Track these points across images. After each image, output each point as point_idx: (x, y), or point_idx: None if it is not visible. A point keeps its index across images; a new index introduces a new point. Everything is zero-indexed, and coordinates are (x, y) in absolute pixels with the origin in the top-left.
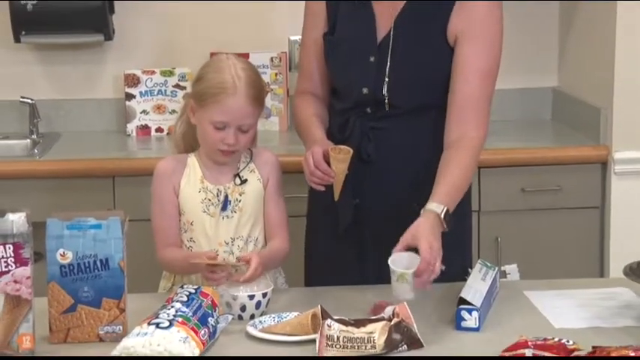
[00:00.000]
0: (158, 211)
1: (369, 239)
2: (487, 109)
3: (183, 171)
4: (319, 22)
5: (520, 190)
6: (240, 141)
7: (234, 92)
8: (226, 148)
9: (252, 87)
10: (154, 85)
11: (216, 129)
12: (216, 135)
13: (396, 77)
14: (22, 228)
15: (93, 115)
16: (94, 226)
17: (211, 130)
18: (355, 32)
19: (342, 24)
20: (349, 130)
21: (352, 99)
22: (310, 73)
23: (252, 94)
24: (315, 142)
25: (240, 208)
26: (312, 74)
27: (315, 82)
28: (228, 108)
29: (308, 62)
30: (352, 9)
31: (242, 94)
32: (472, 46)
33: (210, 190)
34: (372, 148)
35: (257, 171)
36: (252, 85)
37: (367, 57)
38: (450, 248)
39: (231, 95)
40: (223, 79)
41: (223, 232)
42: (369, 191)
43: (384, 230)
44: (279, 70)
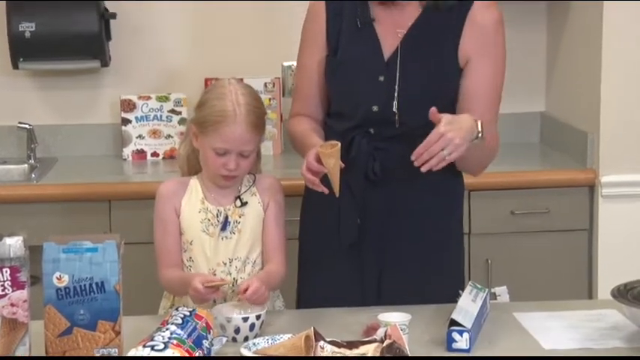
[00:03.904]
0: (160, 231)
1: (370, 258)
2: (496, 126)
3: (185, 191)
4: (319, 45)
5: (510, 213)
6: (242, 166)
7: (234, 120)
8: (227, 173)
9: (252, 114)
10: (150, 110)
11: (217, 155)
12: (217, 160)
13: (405, 95)
14: (19, 252)
15: (89, 139)
16: (90, 250)
17: (213, 156)
18: (361, 53)
19: (346, 46)
20: (355, 150)
21: (358, 118)
22: (307, 96)
23: (252, 121)
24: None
25: (240, 230)
26: (309, 96)
27: (313, 104)
28: (228, 136)
29: (306, 85)
30: (355, 31)
31: (242, 122)
32: (482, 66)
33: (211, 211)
34: (378, 167)
35: (258, 195)
36: (252, 112)
37: (376, 76)
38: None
39: (232, 123)
40: (224, 107)
41: (222, 252)
42: (374, 210)
43: (386, 249)
44: (273, 95)
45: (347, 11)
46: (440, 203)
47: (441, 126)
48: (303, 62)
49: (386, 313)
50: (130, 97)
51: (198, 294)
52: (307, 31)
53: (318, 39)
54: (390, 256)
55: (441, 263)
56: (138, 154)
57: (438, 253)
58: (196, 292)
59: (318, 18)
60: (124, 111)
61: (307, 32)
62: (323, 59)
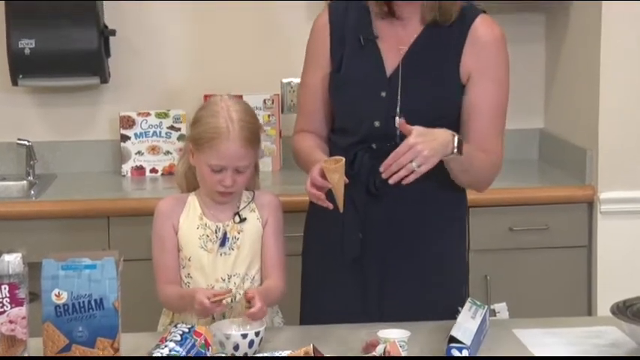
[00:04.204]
0: (158, 248)
1: (372, 272)
2: (500, 144)
3: (183, 208)
4: (322, 62)
5: (508, 230)
6: (238, 182)
7: (227, 137)
8: (224, 190)
9: (245, 130)
10: (149, 126)
11: (213, 171)
12: (213, 177)
13: (407, 110)
14: (18, 269)
15: (88, 156)
16: (88, 267)
17: (208, 173)
18: (364, 70)
19: (349, 62)
20: (357, 165)
21: (361, 133)
22: (312, 112)
23: (246, 136)
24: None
25: (239, 246)
26: (313, 113)
27: (317, 120)
28: (223, 152)
29: (310, 102)
30: (358, 47)
31: (236, 138)
32: (483, 83)
33: (209, 227)
34: (379, 181)
35: (257, 211)
36: (245, 127)
37: (378, 92)
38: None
39: (225, 140)
40: (217, 124)
41: (220, 268)
42: (376, 225)
43: (388, 263)
44: (272, 112)
45: (350, 28)
46: (442, 218)
47: (411, 138)
48: (307, 79)
49: (385, 330)
50: (129, 114)
51: (204, 308)
52: (311, 48)
53: (322, 56)
54: (391, 270)
55: (444, 277)
56: (137, 170)
57: (440, 267)
58: (202, 307)
59: (322, 35)
60: (123, 127)
61: (311, 49)
62: (327, 76)
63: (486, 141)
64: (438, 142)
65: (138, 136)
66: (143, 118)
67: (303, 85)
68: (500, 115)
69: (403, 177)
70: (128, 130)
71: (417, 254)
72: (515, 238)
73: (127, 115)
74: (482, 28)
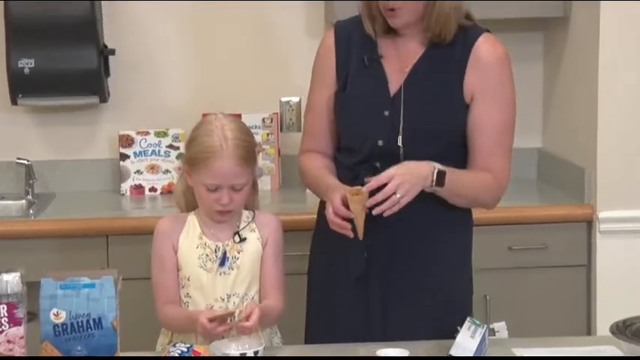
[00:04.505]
0: (158, 268)
1: (376, 290)
2: (506, 162)
3: (183, 227)
4: (328, 82)
5: (507, 249)
6: (235, 200)
7: (221, 155)
8: (222, 209)
9: (240, 148)
10: (148, 145)
11: (209, 191)
12: (210, 196)
13: (410, 129)
14: (17, 288)
15: (88, 175)
16: (87, 286)
17: (205, 192)
18: (368, 89)
19: (354, 81)
20: (359, 183)
21: (365, 152)
22: (318, 132)
23: (240, 154)
24: (331, 190)
25: (238, 266)
26: (319, 132)
27: (323, 140)
28: (217, 171)
29: (316, 121)
30: (362, 67)
31: (230, 157)
32: (489, 104)
33: (209, 246)
34: None
35: (257, 231)
36: (239, 145)
37: (381, 111)
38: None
39: (220, 158)
40: (211, 143)
41: (220, 288)
42: (380, 244)
43: (393, 282)
44: (271, 131)
45: (355, 48)
46: (446, 237)
47: (391, 169)
48: (313, 99)
49: (384, 349)
50: (129, 133)
51: (206, 330)
52: (317, 68)
53: (328, 76)
54: (396, 289)
55: (448, 296)
56: (136, 189)
57: (444, 286)
58: (204, 329)
59: (328, 55)
60: (122, 146)
61: (317, 70)
62: (333, 96)
63: (491, 160)
64: (417, 175)
65: (137, 155)
66: (142, 137)
67: (309, 105)
68: (505, 135)
69: (386, 209)
70: (127, 149)
71: (421, 273)
72: (514, 258)
73: (126, 134)
74: (484, 47)
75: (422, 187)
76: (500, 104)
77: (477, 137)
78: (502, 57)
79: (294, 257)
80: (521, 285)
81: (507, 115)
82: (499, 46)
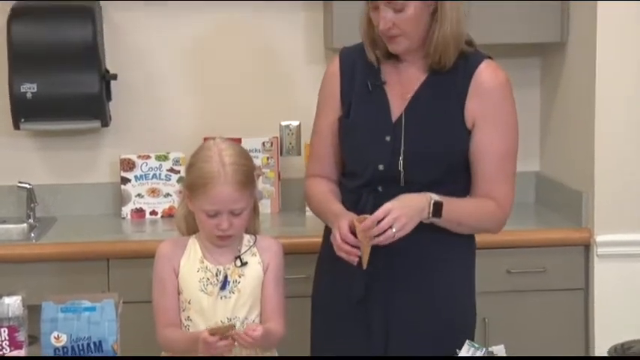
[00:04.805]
0: (159, 291)
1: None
2: (509, 188)
3: (184, 251)
4: (333, 107)
5: (506, 272)
6: (235, 225)
7: (220, 181)
8: (222, 234)
9: (238, 173)
10: (149, 169)
11: (209, 216)
12: (210, 222)
13: (410, 154)
14: (18, 311)
15: (89, 199)
16: (88, 309)
17: (205, 218)
18: (370, 114)
19: (357, 107)
20: (361, 206)
21: (366, 176)
22: (323, 156)
23: (239, 180)
24: (337, 216)
25: (239, 290)
26: (324, 157)
27: (328, 165)
28: (216, 197)
29: (322, 146)
30: (366, 93)
31: (228, 182)
32: (490, 130)
33: (210, 270)
34: None
35: (258, 255)
36: (238, 170)
37: (383, 137)
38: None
39: (218, 184)
40: (209, 169)
41: (220, 311)
42: (381, 266)
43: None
44: (271, 155)
45: (359, 75)
46: (448, 260)
47: (387, 203)
48: (319, 123)
49: None
50: (130, 157)
51: (208, 345)
52: (323, 94)
53: (333, 102)
54: (396, 312)
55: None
56: (137, 212)
57: (445, 309)
58: (205, 344)
59: (333, 82)
60: (123, 170)
61: (323, 96)
62: (337, 121)
63: (494, 187)
64: (413, 208)
65: (138, 179)
66: (143, 161)
67: (315, 131)
68: (508, 161)
69: (383, 242)
70: (128, 173)
71: (422, 297)
72: (512, 281)
73: (128, 157)
74: (485, 73)
75: (419, 220)
76: (502, 130)
77: (480, 163)
78: (503, 83)
79: (293, 280)
80: (520, 308)
81: (509, 141)
82: (500, 72)
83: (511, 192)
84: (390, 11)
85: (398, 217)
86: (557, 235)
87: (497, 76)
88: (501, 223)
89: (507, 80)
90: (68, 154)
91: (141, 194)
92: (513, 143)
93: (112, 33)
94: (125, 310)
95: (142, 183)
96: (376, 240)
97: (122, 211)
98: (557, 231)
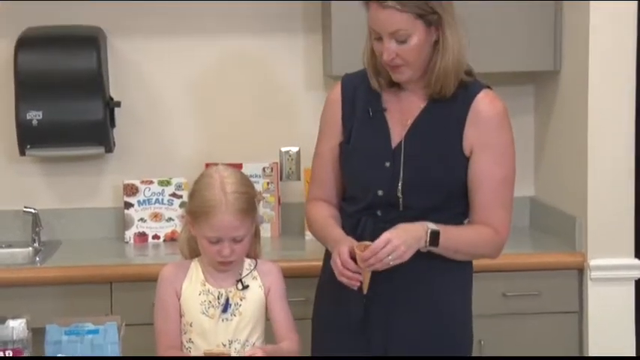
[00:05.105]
0: (161, 314)
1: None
2: (506, 215)
3: (186, 274)
4: (334, 133)
5: (502, 295)
6: (237, 251)
7: (221, 209)
8: (223, 259)
9: (239, 200)
10: (152, 194)
11: (211, 243)
12: (212, 248)
13: (409, 180)
14: (22, 334)
15: (92, 223)
16: (91, 332)
17: (207, 244)
18: (371, 140)
19: (358, 133)
20: (360, 229)
21: (366, 201)
22: (324, 180)
23: (240, 207)
24: (337, 242)
25: (240, 312)
26: (325, 181)
27: (329, 188)
28: (218, 224)
29: (323, 171)
30: (367, 119)
31: (230, 210)
32: (488, 157)
33: (212, 293)
34: None
35: (259, 279)
36: (239, 198)
37: (383, 162)
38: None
39: (219, 212)
40: (211, 197)
41: (222, 334)
42: (380, 288)
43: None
44: (271, 180)
45: (360, 101)
46: (446, 282)
47: (386, 233)
48: (320, 149)
49: None
50: (133, 182)
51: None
52: (324, 120)
53: (334, 127)
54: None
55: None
56: (139, 236)
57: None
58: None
59: (335, 108)
60: (126, 195)
61: (324, 121)
62: (338, 146)
63: (491, 214)
64: (411, 237)
65: (141, 204)
66: (146, 186)
67: (316, 155)
68: (505, 188)
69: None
70: (131, 198)
71: (420, 319)
72: (508, 304)
73: (131, 183)
74: (483, 102)
75: (417, 248)
76: (499, 158)
77: (477, 191)
78: (501, 112)
79: (293, 303)
80: (516, 331)
81: (506, 169)
82: (498, 101)
83: (508, 218)
84: (394, 42)
85: (397, 246)
86: (552, 259)
87: (495, 105)
88: (499, 249)
89: (505, 109)
90: (73, 180)
91: (143, 219)
92: (510, 171)
93: (116, 61)
94: (127, 332)
95: (144, 208)
96: (373, 267)
97: (125, 235)
98: (552, 255)
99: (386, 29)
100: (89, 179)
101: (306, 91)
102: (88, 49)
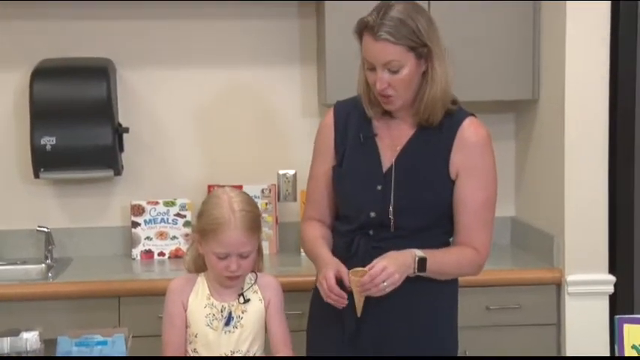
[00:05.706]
0: (168, 325)
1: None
2: (487, 236)
3: (193, 287)
4: (328, 156)
5: (485, 308)
6: (243, 266)
7: (229, 227)
8: (231, 274)
9: (246, 218)
10: (158, 214)
11: (219, 259)
12: (220, 264)
13: (400, 202)
14: (35, 345)
15: (102, 241)
16: (100, 343)
17: (215, 260)
18: (362, 164)
19: (350, 157)
20: (354, 248)
21: (359, 221)
22: (318, 200)
23: (247, 225)
24: (325, 265)
25: (242, 325)
26: (319, 201)
27: (322, 208)
28: (226, 241)
29: (317, 192)
30: (358, 143)
31: (238, 228)
32: (471, 181)
33: (215, 306)
34: None
35: (259, 292)
36: (246, 217)
37: (374, 186)
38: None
39: (228, 229)
40: (220, 215)
41: (224, 345)
42: (372, 304)
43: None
44: (269, 200)
45: (352, 127)
46: (432, 297)
47: (382, 261)
48: (314, 171)
49: None
50: (140, 203)
51: None
52: (318, 143)
53: (327, 151)
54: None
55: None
56: (146, 254)
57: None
58: None
59: (328, 132)
60: (134, 215)
61: (318, 145)
62: (331, 169)
63: (473, 235)
64: (402, 264)
65: (147, 223)
66: (152, 207)
67: (311, 177)
68: (487, 210)
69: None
70: (138, 217)
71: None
72: (491, 317)
73: (138, 203)
74: (468, 130)
75: (407, 274)
76: (482, 181)
77: (462, 213)
78: (484, 138)
79: (290, 316)
80: (498, 341)
81: (489, 192)
82: (482, 129)
83: (489, 240)
84: (387, 72)
85: (392, 273)
86: (531, 275)
87: (479, 132)
88: (479, 268)
89: (488, 136)
90: (83, 201)
91: (150, 237)
92: (492, 193)
93: (125, 90)
94: (134, 343)
95: (151, 227)
96: (368, 292)
97: (132, 252)
98: (531, 271)
99: (379, 60)
100: (99, 200)
101: (302, 118)
102: (99, 79)
